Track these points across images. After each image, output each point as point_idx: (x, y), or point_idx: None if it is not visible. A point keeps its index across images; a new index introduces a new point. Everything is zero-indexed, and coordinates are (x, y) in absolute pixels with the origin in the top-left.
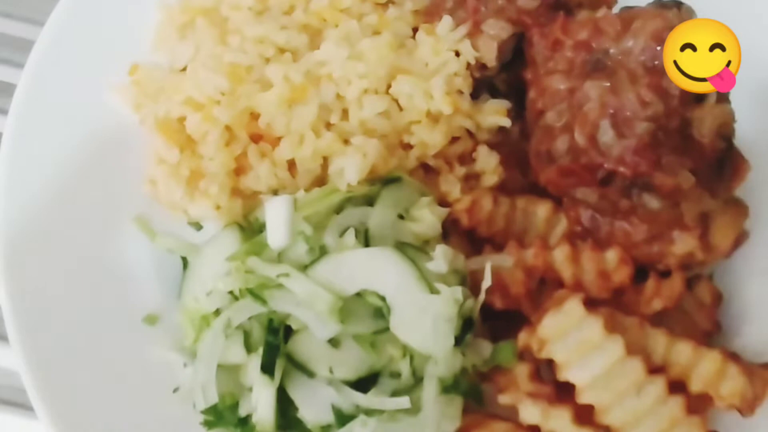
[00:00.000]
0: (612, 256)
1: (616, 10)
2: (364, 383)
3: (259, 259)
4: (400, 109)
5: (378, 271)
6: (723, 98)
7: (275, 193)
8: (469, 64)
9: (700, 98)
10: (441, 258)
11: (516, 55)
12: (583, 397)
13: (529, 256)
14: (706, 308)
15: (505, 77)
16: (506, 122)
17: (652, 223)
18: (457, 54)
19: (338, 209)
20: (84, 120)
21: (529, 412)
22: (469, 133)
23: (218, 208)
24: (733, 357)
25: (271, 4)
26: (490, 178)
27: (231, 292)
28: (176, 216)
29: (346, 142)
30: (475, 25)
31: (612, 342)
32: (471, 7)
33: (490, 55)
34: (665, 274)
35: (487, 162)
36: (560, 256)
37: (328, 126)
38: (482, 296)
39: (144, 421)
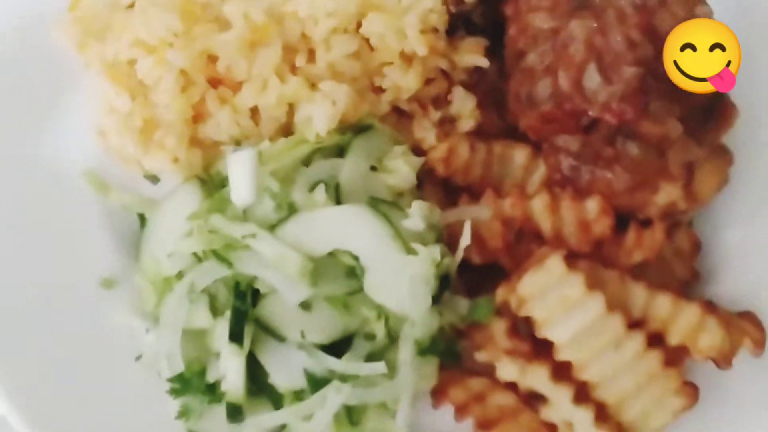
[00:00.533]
0: (592, 205)
1: None
2: (337, 347)
3: (223, 217)
4: (371, 49)
5: (351, 230)
6: None
7: (237, 143)
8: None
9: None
10: (417, 215)
11: None
12: (562, 354)
13: (507, 206)
14: (685, 257)
15: (483, 10)
16: (484, 62)
17: (636, 172)
18: None
19: (306, 161)
20: (24, 58)
21: (507, 370)
22: (444, 73)
23: (176, 160)
24: (712, 309)
25: None
26: (467, 123)
27: (194, 254)
28: (130, 169)
29: (313, 86)
30: None
31: (592, 299)
32: None
33: None
34: (645, 223)
35: (464, 105)
36: (539, 205)
37: (294, 69)
38: (460, 253)
39: (107, 391)
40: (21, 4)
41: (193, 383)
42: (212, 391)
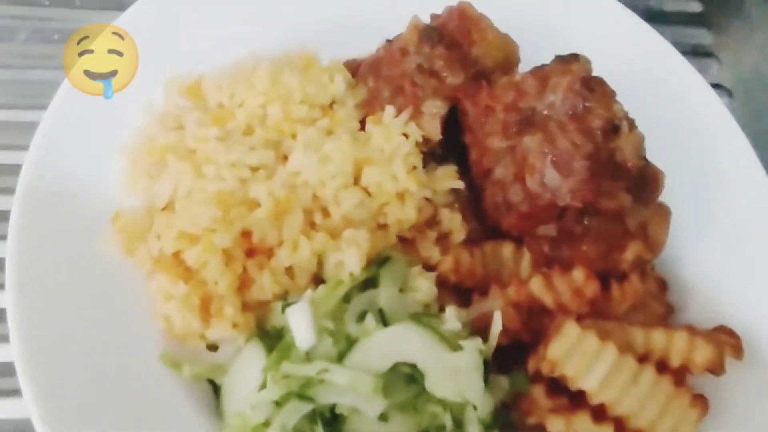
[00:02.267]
0: (578, 275)
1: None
2: None
3: (291, 363)
4: (370, 195)
5: (405, 344)
6: (632, 125)
7: (283, 298)
8: (417, 142)
9: (615, 129)
10: (453, 318)
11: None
12: (596, 399)
13: (512, 293)
14: (657, 295)
15: (442, 142)
16: (460, 184)
17: (604, 240)
18: (406, 136)
19: (346, 299)
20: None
21: (555, 425)
22: (427, 200)
23: (235, 326)
24: (695, 331)
25: (230, 128)
26: (459, 235)
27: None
28: (193, 345)
29: (333, 236)
30: (416, 108)
31: (606, 348)
32: (410, 94)
33: (435, 131)
34: (620, 277)
35: (452, 221)
36: (537, 286)
37: (314, 226)
38: (494, 339)
39: None
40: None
41: None
42: None
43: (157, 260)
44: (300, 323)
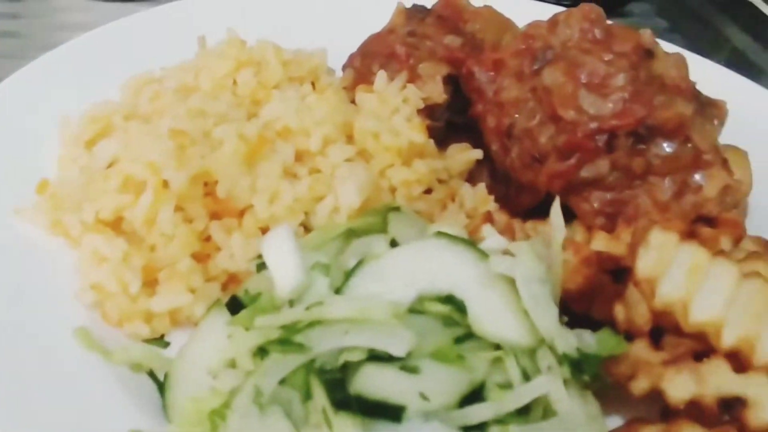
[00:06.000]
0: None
1: None
2: None
3: (268, 316)
4: (369, 159)
5: (433, 265)
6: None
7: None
8: (418, 112)
9: (649, 53)
10: (493, 235)
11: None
12: (727, 339)
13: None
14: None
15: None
16: (478, 153)
17: (673, 172)
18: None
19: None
20: None
21: (679, 385)
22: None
23: (192, 291)
24: None
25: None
26: (485, 208)
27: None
28: (130, 332)
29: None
30: (412, 71)
31: (722, 263)
32: (403, 56)
33: (437, 92)
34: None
35: (475, 196)
36: (600, 241)
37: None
38: (558, 259)
39: None
40: None
41: None
42: None
43: (91, 226)
44: (280, 255)
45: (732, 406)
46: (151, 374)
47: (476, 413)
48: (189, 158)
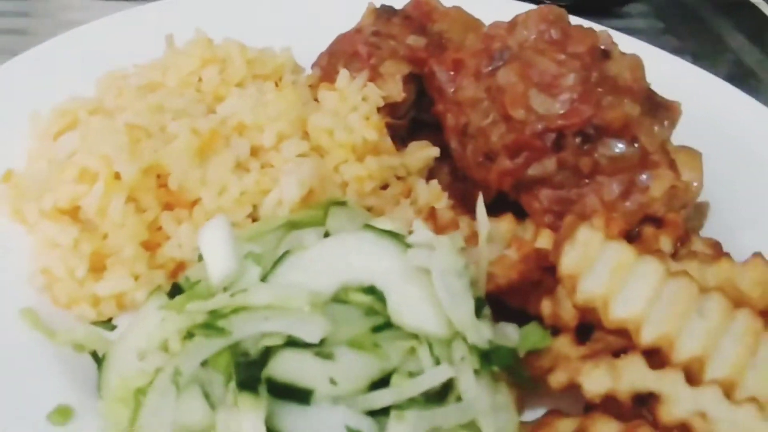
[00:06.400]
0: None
1: None
2: None
3: (199, 302)
4: (323, 155)
5: (356, 256)
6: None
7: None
8: (378, 110)
9: (604, 54)
10: (422, 230)
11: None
12: (646, 336)
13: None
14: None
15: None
16: (435, 151)
17: (620, 172)
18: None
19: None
20: None
21: (595, 379)
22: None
23: (137, 277)
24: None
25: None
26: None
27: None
28: (78, 313)
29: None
30: (373, 70)
31: (649, 262)
32: (365, 56)
33: (396, 90)
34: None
35: (428, 191)
36: (544, 240)
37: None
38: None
39: None
40: None
41: None
42: None
43: (48, 213)
44: (214, 243)
45: (645, 402)
46: (94, 354)
47: (379, 398)
48: (142, 151)
